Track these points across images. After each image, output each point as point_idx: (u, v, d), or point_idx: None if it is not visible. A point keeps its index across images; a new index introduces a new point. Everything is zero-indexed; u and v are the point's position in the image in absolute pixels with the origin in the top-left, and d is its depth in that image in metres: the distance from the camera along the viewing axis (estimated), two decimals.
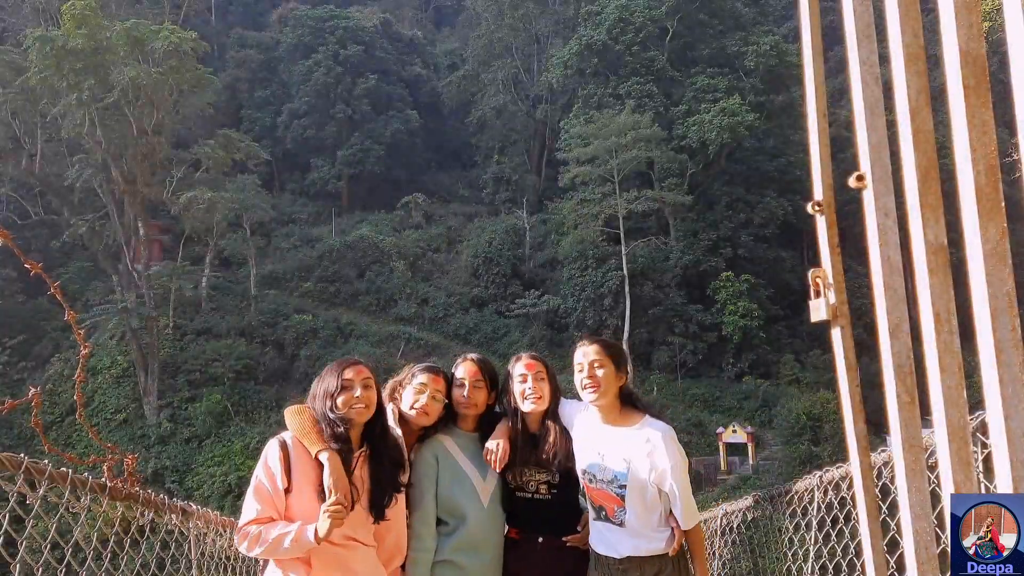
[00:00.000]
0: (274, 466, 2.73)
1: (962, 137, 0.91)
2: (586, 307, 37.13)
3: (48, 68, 33.97)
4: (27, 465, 2.29)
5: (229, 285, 41.73)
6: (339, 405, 2.79)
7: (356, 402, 2.81)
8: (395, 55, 54.70)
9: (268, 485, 2.70)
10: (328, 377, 2.87)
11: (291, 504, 2.71)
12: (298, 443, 2.78)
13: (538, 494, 3.22)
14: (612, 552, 3.11)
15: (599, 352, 3.11)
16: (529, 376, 3.23)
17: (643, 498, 3.06)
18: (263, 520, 2.67)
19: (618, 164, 36.94)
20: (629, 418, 3.15)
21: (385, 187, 49.97)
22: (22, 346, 36.35)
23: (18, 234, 38.57)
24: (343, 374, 2.84)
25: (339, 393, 2.81)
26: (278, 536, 2.62)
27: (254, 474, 2.76)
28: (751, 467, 30.73)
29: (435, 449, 3.18)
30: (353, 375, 2.84)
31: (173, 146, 40.33)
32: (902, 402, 1.01)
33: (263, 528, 2.65)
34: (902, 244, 1.02)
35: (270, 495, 2.70)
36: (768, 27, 45.62)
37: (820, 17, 1.15)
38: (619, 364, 3.15)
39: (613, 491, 3.09)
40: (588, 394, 3.11)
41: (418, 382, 3.16)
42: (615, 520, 3.11)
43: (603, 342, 3.19)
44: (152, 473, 31.31)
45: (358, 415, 2.82)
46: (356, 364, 2.91)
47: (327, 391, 2.83)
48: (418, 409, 3.13)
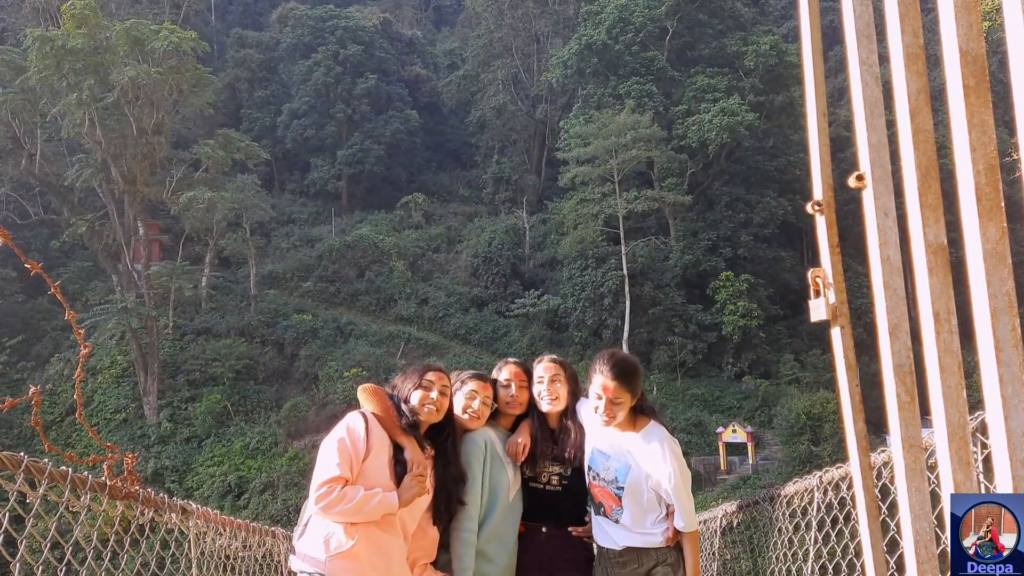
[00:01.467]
0: (359, 431, 2.90)
1: (962, 137, 0.91)
2: (586, 307, 37.13)
3: (48, 68, 33.96)
4: (27, 464, 2.29)
5: (229, 285, 41.74)
6: (413, 400, 3.04)
7: (429, 402, 3.05)
8: (395, 55, 54.70)
9: (351, 447, 2.85)
10: (412, 374, 3.13)
11: (365, 471, 2.86)
12: (373, 418, 2.97)
13: (550, 485, 3.41)
14: (611, 544, 3.28)
15: (619, 389, 3.11)
16: (546, 379, 3.40)
17: (639, 501, 3.20)
18: (343, 479, 2.78)
19: (618, 164, 36.94)
20: (635, 423, 3.27)
21: (385, 187, 49.98)
22: (22, 346, 36.35)
23: (18, 234, 38.59)
24: (426, 374, 3.09)
25: (416, 388, 3.06)
26: (365, 496, 2.77)
27: (333, 436, 2.89)
28: (751, 467, 30.73)
29: (485, 436, 3.37)
30: (435, 378, 3.09)
31: (173, 146, 40.33)
32: (902, 402, 1.01)
33: (345, 489, 2.76)
34: (902, 244, 1.03)
35: (351, 457, 2.84)
36: (768, 27, 45.64)
37: (820, 17, 1.15)
38: (636, 391, 3.18)
39: (612, 491, 3.24)
40: (601, 418, 3.18)
41: (469, 389, 3.36)
42: (611, 518, 3.27)
43: (623, 377, 3.11)
44: (152, 473, 31.31)
45: (428, 415, 3.05)
46: (440, 371, 3.15)
47: (408, 384, 3.09)
48: (471, 414, 3.33)
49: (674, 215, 40.30)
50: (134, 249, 38.04)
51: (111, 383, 35.39)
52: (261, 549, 4.61)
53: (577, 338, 37.61)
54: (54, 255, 40.87)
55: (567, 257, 39.30)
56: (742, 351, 36.31)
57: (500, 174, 48.30)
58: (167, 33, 35.76)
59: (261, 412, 34.66)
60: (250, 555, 4.50)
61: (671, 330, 36.76)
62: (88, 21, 34.51)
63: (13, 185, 40.58)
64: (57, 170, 39.16)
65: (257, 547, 4.58)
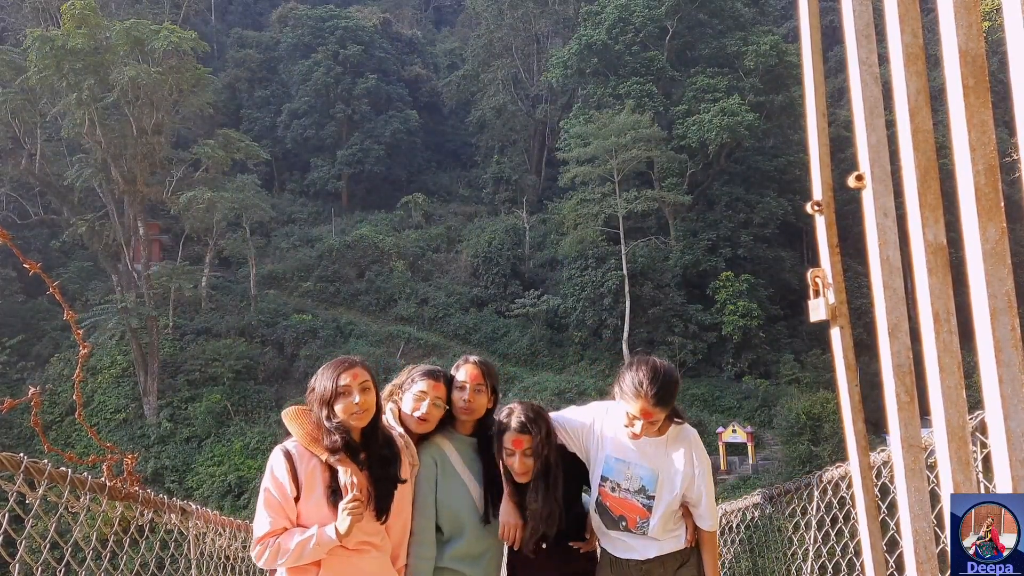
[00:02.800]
0: (281, 476, 2.68)
1: (962, 137, 0.91)
2: (586, 307, 37.12)
3: (48, 68, 33.97)
4: (26, 465, 2.29)
5: (229, 285, 41.74)
6: (338, 413, 2.69)
7: (355, 408, 2.69)
8: (395, 55, 54.70)
9: (278, 495, 2.66)
10: (323, 381, 2.74)
11: (302, 511, 2.68)
12: (302, 449, 2.73)
13: None
14: (635, 555, 3.07)
15: (661, 412, 2.85)
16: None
17: (670, 506, 3.01)
18: (277, 532, 2.64)
19: (618, 164, 36.93)
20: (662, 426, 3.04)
21: (385, 187, 49.98)
22: (22, 346, 36.35)
23: (18, 234, 38.60)
24: (339, 379, 2.70)
25: (336, 399, 2.69)
26: (300, 543, 2.59)
27: (262, 485, 2.72)
28: (751, 467, 30.73)
29: (433, 453, 3.10)
30: (350, 380, 2.70)
31: (173, 146, 40.34)
32: (902, 402, 1.01)
33: (280, 539, 2.62)
34: (902, 244, 1.02)
35: (280, 505, 2.66)
36: (768, 27, 45.61)
37: (820, 17, 1.15)
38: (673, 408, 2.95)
39: (639, 501, 3.01)
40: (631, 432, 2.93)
41: (418, 389, 3.05)
42: (637, 530, 3.04)
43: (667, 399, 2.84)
44: (152, 473, 31.32)
45: (358, 421, 2.71)
46: (352, 367, 2.75)
47: (323, 397, 2.72)
48: (418, 417, 3.03)
49: (674, 215, 40.30)
50: (134, 249, 38.04)
51: (111, 383, 35.40)
52: None
53: (577, 338, 37.62)
54: (54, 255, 40.88)
55: (567, 257, 39.30)
56: (742, 351, 36.31)
57: (500, 174, 48.30)
58: (167, 33, 35.76)
59: (261, 412, 34.66)
60: (250, 555, 4.49)
61: (671, 330, 36.75)
62: (88, 21, 34.51)
63: (13, 185, 40.59)
64: (57, 170, 39.16)
65: None
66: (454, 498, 3.05)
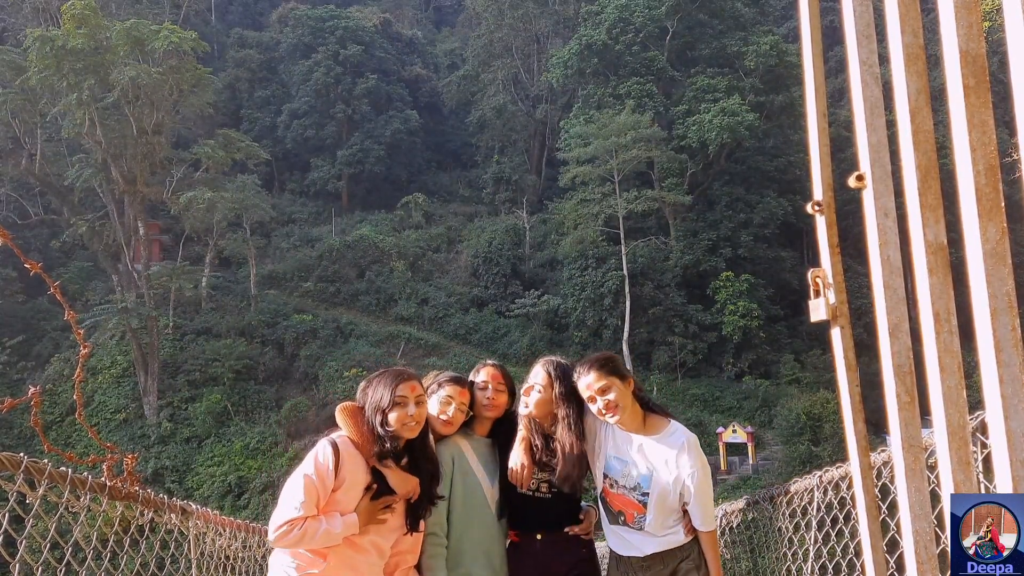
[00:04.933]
0: (326, 464, 2.71)
1: (962, 137, 0.91)
2: (586, 307, 37.13)
3: (48, 68, 33.98)
4: (27, 464, 2.29)
5: (229, 285, 41.74)
6: (391, 422, 2.76)
7: (409, 420, 2.77)
8: (395, 55, 54.71)
9: (318, 482, 2.69)
10: (381, 388, 2.81)
11: (337, 500, 2.74)
12: (348, 443, 2.79)
13: (539, 492, 3.27)
14: (635, 552, 3.20)
15: (599, 378, 3.08)
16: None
17: (664, 504, 3.13)
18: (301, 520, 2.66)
19: (618, 164, 36.94)
20: (655, 426, 3.19)
21: (385, 187, 49.99)
22: (22, 346, 36.36)
23: (18, 234, 38.60)
24: (397, 389, 2.78)
25: (391, 408, 2.76)
26: (327, 530, 2.65)
27: (302, 470, 2.73)
28: (751, 467, 30.73)
29: (452, 451, 3.25)
30: (407, 392, 2.79)
31: (173, 146, 40.35)
32: (902, 402, 1.01)
33: (307, 526, 2.64)
34: (902, 244, 1.02)
35: (318, 492, 2.69)
36: (768, 27, 45.62)
37: (820, 17, 1.15)
38: (622, 376, 3.14)
39: (635, 498, 3.16)
40: (609, 419, 3.13)
41: (445, 394, 3.22)
42: (634, 525, 3.18)
43: (598, 365, 3.12)
44: (152, 473, 31.32)
45: (410, 433, 2.80)
46: (411, 380, 2.84)
47: (378, 405, 2.79)
48: (444, 420, 3.21)
49: (674, 215, 40.31)
50: (134, 249, 38.04)
51: (111, 383, 35.40)
52: (261, 549, 4.61)
53: (577, 338, 37.62)
54: (54, 255, 40.89)
55: (567, 257, 39.31)
56: (742, 351, 36.31)
57: (500, 174, 48.31)
58: (167, 33, 35.77)
59: (261, 412, 34.67)
60: (250, 555, 4.50)
61: (671, 330, 36.76)
62: (88, 21, 34.51)
63: (13, 185, 40.62)
64: (57, 170, 39.18)
65: (257, 547, 4.58)
66: (468, 493, 3.20)
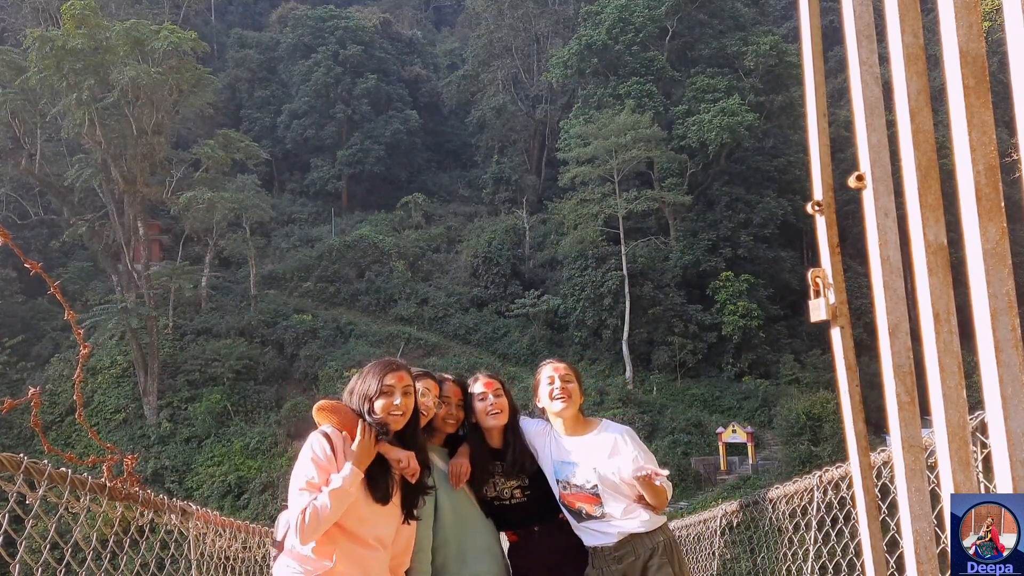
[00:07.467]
0: (323, 455, 2.68)
1: (962, 137, 0.91)
2: (586, 307, 37.13)
3: (48, 68, 33.98)
4: (26, 465, 2.29)
5: (229, 285, 41.74)
6: (377, 410, 2.77)
7: (395, 409, 2.79)
8: (395, 55, 54.72)
9: (319, 477, 2.65)
10: (370, 378, 2.84)
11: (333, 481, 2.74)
12: (336, 432, 2.75)
13: (514, 499, 3.40)
14: (605, 540, 3.31)
15: (568, 369, 3.43)
16: (489, 394, 3.39)
17: (616, 491, 3.27)
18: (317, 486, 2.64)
19: (618, 164, 36.94)
20: (589, 426, 3.42)
21: (385, 187, 49.99)
22: (22, 346, 36.36)
23: (18, 234, 38.61)
24: (384, 379, 2.81)
25: (378, 397, 2.78)
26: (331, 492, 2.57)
27: (298, 470, 2.70)
28: (751, 467, 30.72)
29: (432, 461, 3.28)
30: (395, 381, 2.81)
31: (173, 146, 40.34)
32: (902, 402, 1.01)
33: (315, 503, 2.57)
34: (902, 244, 1.02)
35: (326, 467, 2.66)
36: (768, 27, 45.64)
37: (820, 17, 1.15)
38: (580, 384, 3.45)
39: (588, 492, 3.31)
40: (558, 403, 3.35)
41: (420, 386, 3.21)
42: (596, 515, 3.32)
43: (569, 363, 3.51)
44: (152, 473, 31.31)
45: (395, 422, 2.80)
46: (399, 370, 2.85)
47: (366, 394, 2.81)
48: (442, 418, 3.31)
49: (674, 215, 40.30)
50: (134, 249, 38.04)
51: (111, 383, 35.39)
52: (261, 550, 4.61)
53: (577, 338, 37.62)
54: (54, 255, 40.88)
55: (567, 257, 39.31)
56: (742, 351, 36.30)
57: (500, 174, 48.31)
58: (167, 33, 35.78)
59: (261, 412, 34.66)
60: (250, 556, 4.50)
61: (671, 330, 36.76)
62: (88, 21, 34.52)
63: (13, 185, 40.62)
64: (57, 170, 39.18)
65: (257, 548, 4.58)
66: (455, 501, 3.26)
